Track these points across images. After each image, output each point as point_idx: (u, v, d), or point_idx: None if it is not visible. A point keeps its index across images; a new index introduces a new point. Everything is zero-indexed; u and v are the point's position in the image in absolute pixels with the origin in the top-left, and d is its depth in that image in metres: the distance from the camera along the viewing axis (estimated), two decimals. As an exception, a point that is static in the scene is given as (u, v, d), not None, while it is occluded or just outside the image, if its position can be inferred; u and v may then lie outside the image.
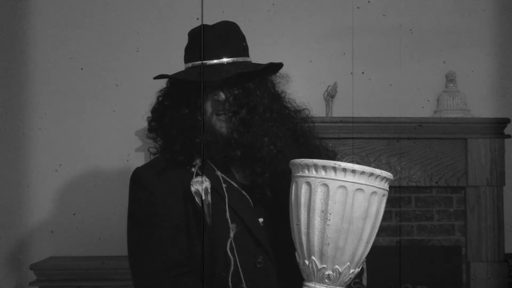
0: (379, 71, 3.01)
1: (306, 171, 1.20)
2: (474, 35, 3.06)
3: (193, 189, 1.37)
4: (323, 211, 1.17)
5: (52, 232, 2.91)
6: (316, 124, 2.74)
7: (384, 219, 2.91)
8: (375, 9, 3.04)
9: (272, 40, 2.86)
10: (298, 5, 3.02)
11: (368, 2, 3.02)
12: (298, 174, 1.23)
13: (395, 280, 2.70)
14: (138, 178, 1.45)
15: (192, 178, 1.39)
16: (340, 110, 2.96)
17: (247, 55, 1.50)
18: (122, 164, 2.92)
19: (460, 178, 2.75)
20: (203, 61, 1.43)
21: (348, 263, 1.19)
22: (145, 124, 2.72)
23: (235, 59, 1.44)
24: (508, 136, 2.77)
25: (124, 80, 2.92)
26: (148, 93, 3.10)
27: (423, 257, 2.76)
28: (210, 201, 1.37)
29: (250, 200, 1.45)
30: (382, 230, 2.75)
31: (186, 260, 1.40)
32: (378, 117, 2.74)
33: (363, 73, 3.00)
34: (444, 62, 3.01)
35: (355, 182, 1.16)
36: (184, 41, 1.50)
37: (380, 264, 2.66)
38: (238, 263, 1.36)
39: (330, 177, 1.17)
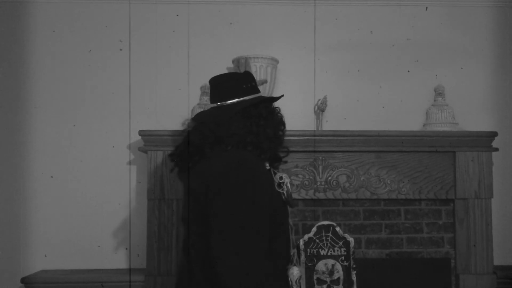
0: (368, 85, 3.04)
1: None
2: (462, 49, 3.10)
3: (285, 181, 1.81)
4: None
5: (43, 245, 2.90)
6: (306, 138, 2.76)
7: (373, 231, 2.92)
8: (366, 24, 3.08)
9: (263, 53, 2.88)
10: (289, 18, 3.06)
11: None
12: None
13: (385, 292, 2.72)
14: (256, 165, 1.74)
15: (268, 173, 1.82)
16: (330, 123, 2.99)
17: (241, 96, 1.83)
18: (115, 177, 2.92)
19: (449, 191, 2.78)
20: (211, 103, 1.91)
21: None
22: (138, 137, 2.73)
23: (217, 104, 1.86)
24: (496, 149, 2.80)
25: (120, 90, 2.93)
26: (141, 105, 3.10)
27: (412, 269, 2.78)
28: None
29: None
30: (371, 243, 2.77)
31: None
32: (367, 131, 2.76)
33: (353, 87, 3.04)
34: (434, 76, 3.05)
35: None
36: (175, 51, 1.53)
37: (369, 277, 2.67)
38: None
39: None
